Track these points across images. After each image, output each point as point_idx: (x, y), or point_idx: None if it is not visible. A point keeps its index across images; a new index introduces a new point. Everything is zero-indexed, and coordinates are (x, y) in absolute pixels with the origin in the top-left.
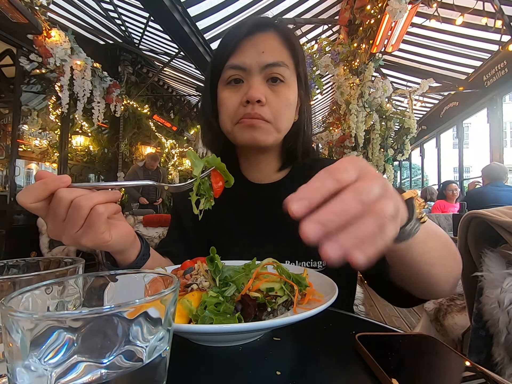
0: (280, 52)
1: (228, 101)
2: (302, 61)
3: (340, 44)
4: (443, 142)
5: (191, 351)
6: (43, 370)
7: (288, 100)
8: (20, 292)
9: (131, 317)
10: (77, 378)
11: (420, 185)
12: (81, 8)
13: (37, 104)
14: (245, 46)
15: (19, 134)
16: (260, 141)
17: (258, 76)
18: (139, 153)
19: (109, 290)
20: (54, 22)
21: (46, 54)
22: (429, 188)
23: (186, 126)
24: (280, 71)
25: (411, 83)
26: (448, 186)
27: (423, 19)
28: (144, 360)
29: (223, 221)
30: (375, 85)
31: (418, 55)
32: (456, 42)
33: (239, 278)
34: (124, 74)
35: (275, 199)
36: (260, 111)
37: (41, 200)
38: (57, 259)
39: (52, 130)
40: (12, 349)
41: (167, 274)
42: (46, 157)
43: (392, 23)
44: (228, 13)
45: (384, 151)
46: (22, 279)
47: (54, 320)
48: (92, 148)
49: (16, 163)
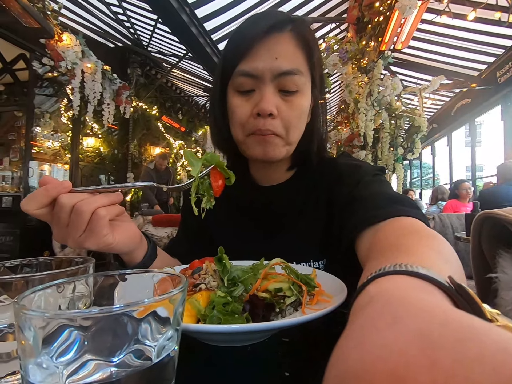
0: (295, 57)
1: (239, 110)
2: (318, 59)
3: (348, 42)
4: (454, 141)
5: (199, 350)
6: (55, 368)
7: (301, 110)
8: (32, 290)
9: (140, 316)
10: (87, 376)
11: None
12: (91, 12)
13: (49, 106)
14: (259, 50)
15: (32, 136)
16: (271, 157)
17: (270, 85)
18: (148, 153)
19: (118, 289)
20: (65, 26)
21: (58, 57)
22: (440, 187)
23: (194, 127)
24: (294, 80)
25: (422, 81)
26: (461, 185)
27: (434, 15)
28: (153, 359)
29: (228, 223)
30: (384, 83)
31: (428, 52)
32: (468, 38)
33: (247, 278)
34: (133, 76)
35: (277, 200)
36: (272, 126)
37: (44, 206)
38: (68, 259)
39: (64, 132)
40: (25, 347)
41: (175, 274)
42: (58, 159)
43: (401, 20)
44: (235, 14)
45: (394, 150)
46: (35, 278)
47: (65, 318)
48: (102, 149)
49: (30, 164)
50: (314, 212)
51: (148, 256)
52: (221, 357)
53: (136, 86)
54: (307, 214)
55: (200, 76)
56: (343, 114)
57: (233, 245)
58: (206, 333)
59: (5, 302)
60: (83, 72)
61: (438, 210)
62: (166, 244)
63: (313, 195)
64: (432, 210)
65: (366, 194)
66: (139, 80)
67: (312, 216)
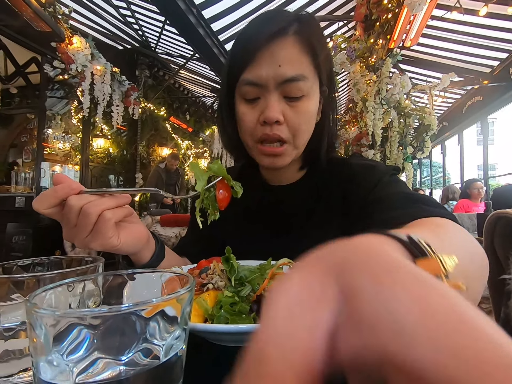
0: (299, 62)
1: (246, 118)
2: (326, 56)
3: (356, 41)
4: (466, 139)
5: (207, 350)
6: (65, 366)
7: (308, 114)
8: (44, 289)
9: (148, 315)
10: (97, 374)
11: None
12: (100, 15)
13: (60, 108)
14: (262, 57)
15: (44, 137)
16: (280, 165)
17: (275, 92)
18: (156, 154)
19: (127, 289)
20: (75, 30)
21: (69, 60)
22: (451, 186)
23: (201, 127)
24: (299, 86)
25: (432, 78)
26: (473, 184)
27: (444, 11)
28: (161, 358)
29: (236, 223)
30: (393, 81)
31: (438, 49)
32: (480, 34)
33: (255, 278)
34: (142, 77)
35: (289, 199)
36: (279, 131)
37: (53, 206)
38: (78, 258)
39: (74, 133)
40: (36, 344)
41: (183, 274)
42: (69, 160)
43: (410, 16)
44: (242, 14)
45: (403, 149)
46: (46, 276)
47: (75, 317)
48: (111, 150)
49: (42, 165)
50: (325, 213)
51: (155, 257)
52: (228, 357)
53: (144, 88)
54: (317, 215)
55: (207, 76)
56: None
57: (241, 245)
58: (214, 332)
59: (18, 300)
60: (92, 74)
61: (449, 210)
62: (174, 244)
63: (324, 195)
64: None
65: (384, 195)
66: (147, 81)
67: (323, 216)
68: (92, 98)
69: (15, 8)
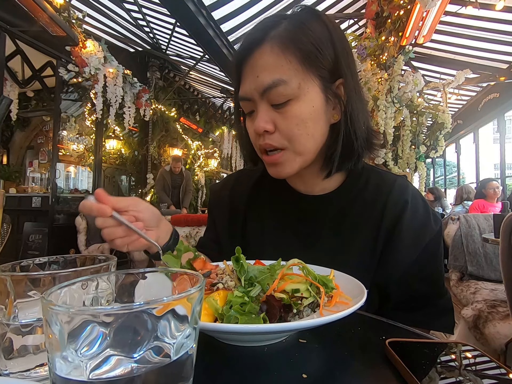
0: (276, 66)
1: (249, 131)
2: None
3: (367, 39)
4: (481, 137)
5: (217, 349)
6: (79, 362)
7: (299, 117)
8: (59, 287)
9: (160, 314)
10: (109, 371)
11: (456, 184)
12: (112, 19)
13: (74, 111)
14: (245, 71)
15: (59, 139)
16: (285, 174)
17: (262, 102)
18: (167, 155)
19: (138, 287)
20: (88, 34)
21: (82, 63)
22: (465, 186)
23: (211, 128)
24: (279, 91)
25: (445, 75)
26: (488, 184)
27: (458, 6)
28: (171, 357)
29: (262, 229)
30: (405, 79)
31: (452, 45)
32: (496, 29)
33: (264, 278)
34: (153, 79)
35: (318, 212)
36: (270, 140)
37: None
38: (92, 257)
39: (88, 135)
40: (52, 340)
41: (193, 273)
42: (83, 161)
43: (423, 12)
44: (251, 14)
45: (416, 148)
46: (61, 274)
47: (88, 314)
48: (123, 151)
49: (57, 166)
50: (352, 231)
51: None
52: (239, 356)
53: (155, 89)
54: (344, 230)
55: (217, 77)
56: None
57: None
58: (223, 332)
59: (34, 297)
60: (105, 77)
61: (463, 210)
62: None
63: (356, 211)
64: (457, 210)
65: (422, 269)
66: (158, 83)
67: (349, 235)
68: (105, 100)
69: (32, 14)
